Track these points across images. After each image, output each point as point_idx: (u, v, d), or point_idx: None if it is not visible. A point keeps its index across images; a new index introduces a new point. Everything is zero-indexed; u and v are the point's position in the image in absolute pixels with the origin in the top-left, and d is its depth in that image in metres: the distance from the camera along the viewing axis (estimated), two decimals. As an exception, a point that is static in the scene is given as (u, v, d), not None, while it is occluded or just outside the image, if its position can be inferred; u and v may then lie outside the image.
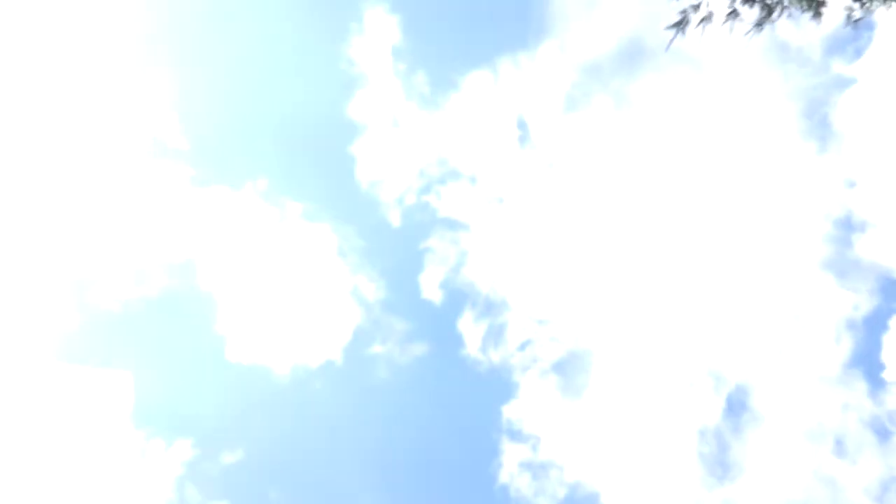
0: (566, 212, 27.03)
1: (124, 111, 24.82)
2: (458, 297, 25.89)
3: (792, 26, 7.21)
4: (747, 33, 7.20)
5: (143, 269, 25.21)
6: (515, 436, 24.76)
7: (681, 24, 6.86)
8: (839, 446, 22.82)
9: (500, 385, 25.44)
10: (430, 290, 25.47)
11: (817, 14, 6.62)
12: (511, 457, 24.50)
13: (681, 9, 6.66)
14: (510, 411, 25.15)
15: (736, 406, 24.67)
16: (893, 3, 6.76)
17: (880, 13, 7.11)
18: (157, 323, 26.54)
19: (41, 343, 23.07)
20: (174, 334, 27.61)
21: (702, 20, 7.05)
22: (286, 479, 25.75)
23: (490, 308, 25.66)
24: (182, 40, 27.62)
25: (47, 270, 24.08)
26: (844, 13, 6.88)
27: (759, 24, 7.01)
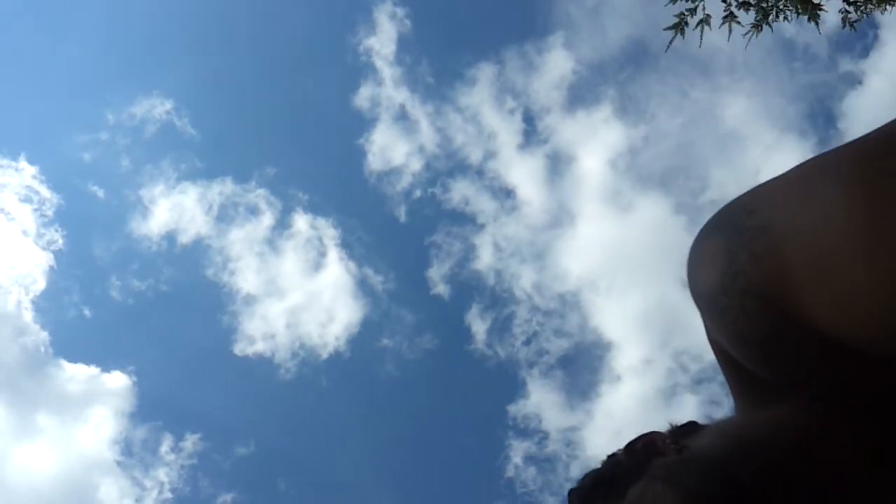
0: (572, 207, 27.00)
1: (129, 101, 24.93)
2: (465, 291, 25.98)
3: (794, 26, 7.25)
4: (746, 34, 7.24)
5: (147, 262, 25.38)
6: (522, 431, 24.84)
7: (678, 27, 6.91)
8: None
9: (507, 379, 25.52)
10: (438, 284, 25.56)
11: (814, 17, 6.65)
12: (518, 451, 24.58)
13: (677, 11, 6.69)
14: (517, 406, 25.23)
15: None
16: (888, 7, 6.78)
17: (878, 15, 7.13)
18: (164, 317, 26.74)
19: (42, 339, 23.26)
20: (180, 328, 27.81)
21: (699, 22, 7.08)
22: (294, 472, 25.97)
23: (498, 302, 25.73)
24: (187, 32, 27.70)
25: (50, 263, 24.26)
26: (840, 16, 6.92)
27: (757, 27, 7.05)
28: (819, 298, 0.65)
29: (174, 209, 25.44)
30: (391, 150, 26.66)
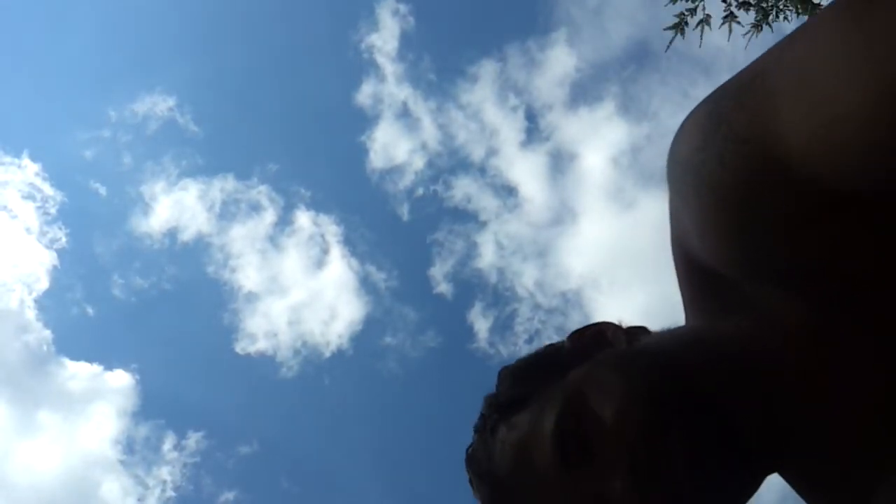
0: (574, 204, 27.05)
1: (131, 98, 25.00)
2: (468, 289, 26.00)
3: (795, 26, 7.23)
4: (746, 34, 7.24)
5: (149, 260, 25.44)
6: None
7: (678, 27, 6.91)
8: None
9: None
10: (441, 281, 25.59)
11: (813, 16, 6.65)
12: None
13: (677, 11, 6.70)
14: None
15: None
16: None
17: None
18: (166, 315, 26.80)
19: (45, 337, 23.36)
20: (183, 326, 27.88)
21: (699, 22, 7.08)
22: (297, 470, 26.03)
23: (500, 300, 25.77)
24: (189, 29, 27.77)
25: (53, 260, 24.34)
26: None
27: (757, 27, 7.05)
28: (804, 125, 0.61)
29: (176, 206, 25.45)
30: (393, 147, 26.67)
